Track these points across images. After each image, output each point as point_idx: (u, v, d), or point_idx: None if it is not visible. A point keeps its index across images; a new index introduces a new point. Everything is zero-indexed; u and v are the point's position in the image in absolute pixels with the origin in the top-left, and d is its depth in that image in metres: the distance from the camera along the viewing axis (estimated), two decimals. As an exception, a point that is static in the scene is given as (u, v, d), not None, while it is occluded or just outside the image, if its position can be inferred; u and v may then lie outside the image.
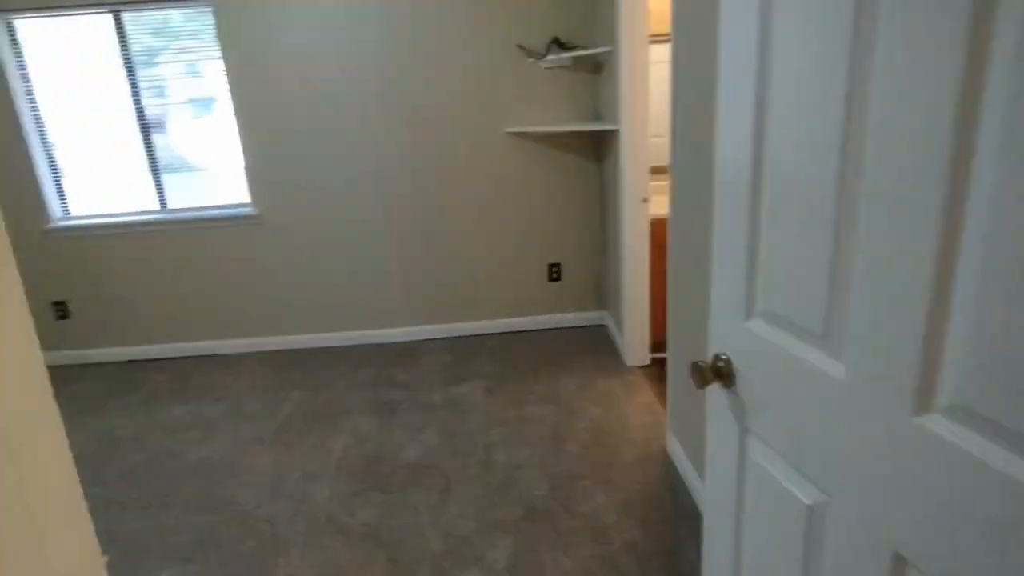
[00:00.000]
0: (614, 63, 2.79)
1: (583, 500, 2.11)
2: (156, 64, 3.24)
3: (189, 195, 3.48)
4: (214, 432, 2.73)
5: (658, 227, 2.90)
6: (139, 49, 3.21)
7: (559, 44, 3.10)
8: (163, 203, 3.48)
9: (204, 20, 3.17)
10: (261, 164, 3.35)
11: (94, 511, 2.24)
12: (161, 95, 3.30)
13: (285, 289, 3.57)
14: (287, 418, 2.82)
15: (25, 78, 3.27)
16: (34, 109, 3.31)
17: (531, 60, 3.21)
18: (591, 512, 2.05)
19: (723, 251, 0.95)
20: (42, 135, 3.36)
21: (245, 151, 3.32)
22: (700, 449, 2.00)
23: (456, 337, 3.65)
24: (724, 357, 0.96)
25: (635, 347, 3.06)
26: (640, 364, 3.09)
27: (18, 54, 3.23)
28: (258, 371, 3.37)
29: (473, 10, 3.16)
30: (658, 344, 3.06)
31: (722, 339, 0.97)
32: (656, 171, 3.05)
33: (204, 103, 3.33)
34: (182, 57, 3.25)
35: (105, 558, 1.19)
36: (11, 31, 3.20)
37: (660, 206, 3.00)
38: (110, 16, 3.16)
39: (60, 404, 3.53)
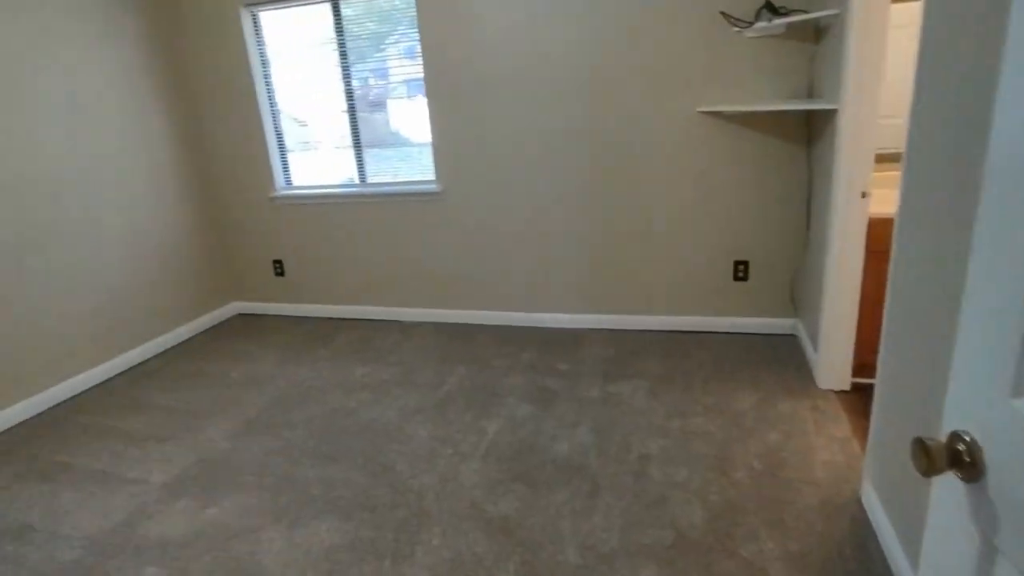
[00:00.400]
0: (842, 28, 2.33)
1: (745, 541, 1.83)
2: (381, 48, 3.48)
3: (394, 170, 3.72)
4: (385, 396, 2.92)
5: (878, 228, 2.39)
6: (361, 33, 3.47)
7: (771, 9, 2.68)
8: (363, 177, 3.79)
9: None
10: (447, 142, 3.46)
11: (280, 453, 2.52)
12: (383, 76, 3.56)
13: (460, 265, 3.68)
14: (450, 392, 2.91)
15: (264, 63, 3.75)
16: (269, 90, 3.79)
17: (736, 29, 2.84)
18: (754, 558, 1.77)
19: (983, 284, 0.66)
20: (274, 113, 3.84)
21: (433, 130, 3.45)
22: (909, 510, 1.60)
23: (622, 330, 3.46)
24: (967, 439, 0.67)
25: (833, 367, 2.60)
26: (837, 388, 2.63)
27: (260, 42, 3.71)
28: (431, 341, 3.53)
29: (672, -24, 2.87)
30: (863, 367, 2.56)
31: (966, 413, 0.68)
32: (881, 160, 2.53)
33: (418, 84, 3.50)
34: (398, 41, 3.45)
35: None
36: (255, 22, 3.67)
37: (883, 202, 2.49)
38: (328, 5, 3.47)
39: (274, 351, 4.00)
